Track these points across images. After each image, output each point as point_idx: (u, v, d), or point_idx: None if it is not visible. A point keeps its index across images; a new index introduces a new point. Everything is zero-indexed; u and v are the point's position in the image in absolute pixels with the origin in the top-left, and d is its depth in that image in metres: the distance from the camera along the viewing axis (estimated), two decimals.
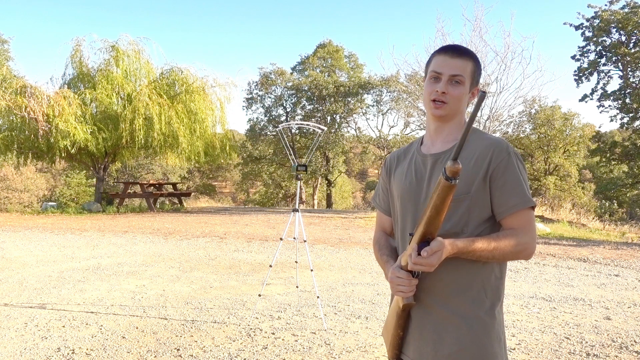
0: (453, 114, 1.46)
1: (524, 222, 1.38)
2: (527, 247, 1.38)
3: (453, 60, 1.43)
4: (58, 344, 3.75)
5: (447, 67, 1.42)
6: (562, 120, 26.88)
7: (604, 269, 7.27)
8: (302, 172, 4.50)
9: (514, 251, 1.36)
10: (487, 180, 1.38)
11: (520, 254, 1.39)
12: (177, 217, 14.68)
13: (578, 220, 17.00)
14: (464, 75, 1.43)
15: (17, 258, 7.51)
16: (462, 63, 1.43)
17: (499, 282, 1.43)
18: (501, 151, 1.39)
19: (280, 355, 3.56)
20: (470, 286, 1.39)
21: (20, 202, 24.05)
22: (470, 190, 1.38)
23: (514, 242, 1.36)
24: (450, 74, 1.42)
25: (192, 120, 17.20)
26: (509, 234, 1.37)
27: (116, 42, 17.60)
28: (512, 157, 1.39)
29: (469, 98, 1.49)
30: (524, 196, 1.38)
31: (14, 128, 15.87)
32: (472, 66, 1.45)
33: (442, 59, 1.44)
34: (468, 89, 1.46)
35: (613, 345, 3.86)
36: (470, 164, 1.40)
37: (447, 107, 1.44)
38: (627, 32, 18.92)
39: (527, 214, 1.38)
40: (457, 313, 1.38)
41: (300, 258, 6.63)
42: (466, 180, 1.38)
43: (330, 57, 27.55)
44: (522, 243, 1.37)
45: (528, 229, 1.38)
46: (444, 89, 1.42)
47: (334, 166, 26.69)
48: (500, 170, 1.38)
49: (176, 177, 33.73)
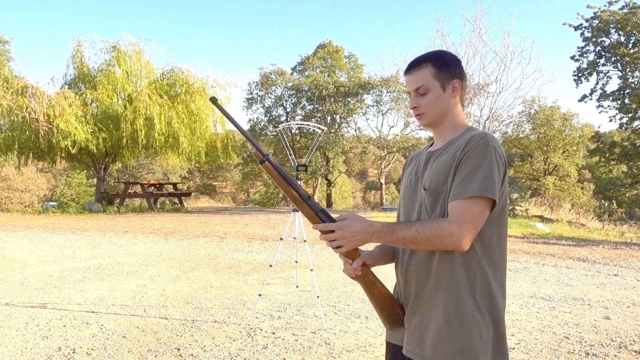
0: (436, 118, 1.51)
1: (457, 210, 1.32)
2: (450, 235, 1.30)
3: (410, 76, 1.52)
4: (59, 344, 3.77)
5: (409, 84, 1.53)
6: (562, 121, 26.91)
7: (603, 268, 7.29)
8: (302, 172, 4.51)
9: (436, 237, 1.32)
10: (455, 171, 1.38)
11: (441, 242, 1.32)
12: (177, 217, 14.70)
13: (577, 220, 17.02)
14: (424, 83, 1.48)
15: (18, 258, 7.53)
16: (418, 74, 1.49)
17: (488, 279, 1.39)
18: (474, 142, 1.37)
19: (281, 355, 3.58)
20: (455, 281, 1.38)
21: (21, 202, 24.07)
22: (446, 183, 1.39)
23: (437, 226, 1.32)
24: (413, 90, 1.51)
25: (193, 121, 17.23)
26: (441, 219, 1.34)
27: (117, 42, 17.65)
28: (483, 148, 1.35)
29: (451, 93, 1.50)
30: (468, 185, 1.32)
31: (15, 128, 15.90)
32: (432, 67, 1.48)
33: (406, 79, 1.55)
34: (439, 89, 1.49)
35: (612, 344, 3.88)
36: (448, 158, 1.42)
37: (425, 116, 1.51)
38: (626, 32, 18.94)
39: (464, 203, 1.32)
40: (440, 306, 1.39)
41: (300, 258, 6.65)
42: (443, 173, 1.41)
43: (330, 58, 27.57)
44: (448, 230, 1.30)
45: (458, 217, 1.31)
46: (415, 103, 1.51)
47: (334, 166, 26.72)
48: (465, 158, 1.36)
49: (176, 177, 33.74)
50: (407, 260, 1.49)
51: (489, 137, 1.38)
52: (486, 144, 1.36)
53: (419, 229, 1.34)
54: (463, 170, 1.36)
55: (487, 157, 1.35)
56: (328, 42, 28.10)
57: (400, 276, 1.53)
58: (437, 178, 1.43)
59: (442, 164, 1.43)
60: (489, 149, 1.35)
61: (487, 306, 1.39)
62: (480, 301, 1.38)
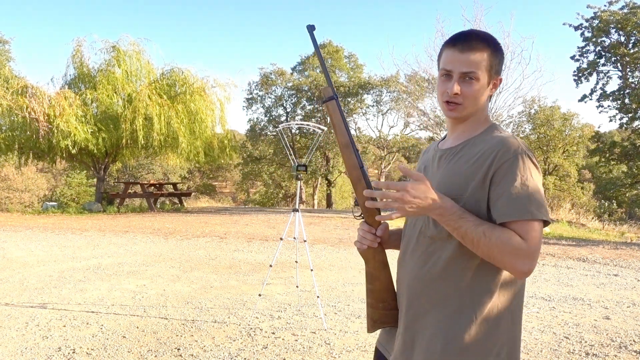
0: (470, 113, 1.31)
1: (528, 234, 1.16)
2: (516, 254, 1.14)
3: (464, 55, 1.25)
4: (59, 344, 3.77)
5: (458, 64, 1.26)
6: (562, 121, 26.92)
7: (603, 268, 7.29)
8: (302, 172, 4.51)
9: (502, 249, 1.14)
10: (487, 183, 1.21)
11: (506, 257, 1.15)
12: (177, 217, 14.70)
13: (577, 220, 17.03)
14: (477, 70, 1.25)
15: (18, 258, 7.52)
16: (475, 56, 1.25)
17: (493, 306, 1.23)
18: (507, 151, 1.20)
19: (281, 355, 3.58)
20: (451, 301, 1.25)
21: (21, 202, 24.07)
22: (465, 192, 1.23)
23: (506, 238, 1.14)
24: (461, 72, 1.26)
25: (192, 121, 17.23)
26: (506, 231, 1.16)
27: (117, 42, 17.64)
28: (519, 159, 1.19)
29: (490, 90, 1.31)
30: (520, 205, 1.16)
31: (15, 128, 15.91)
32: (489, 56, 1.27)
33: (451, 54, 1.27)
34: (486, 83, 1.29)
35: (612, 344, 3.88)
36: (469, 164, 1.25)
37: (461, 108, 1.29)
38: (627, 32, 18.92)
39: (524, 225, 1.16)
40: (433, 326, 1.27)
41: (300, 258, 6.64)
42: (463, 180, 1.24)
43: (330, 58, 27.58)
44: (516, 246, 1.14)
45: (531, 240, 1.15)
46: (456, 89, 1.26)
47: (334, 166, 26.71)
48: (501, 173, 1.19)
49: (176, 177, 33.75)
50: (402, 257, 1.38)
51: (522, 145, 1.22)
52: (523, 155, 1.20)
53: (486, 231, 1.16)
54: (507, 185, 1.18)
55: (527, 169, 1.19)
56: (328, 42, 28.12)
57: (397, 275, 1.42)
58: (450, 184, 1.26)
59: (459, 169, 1.27)
60: (527, 162, 1.20)
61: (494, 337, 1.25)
62: (484, 330, 1.24)
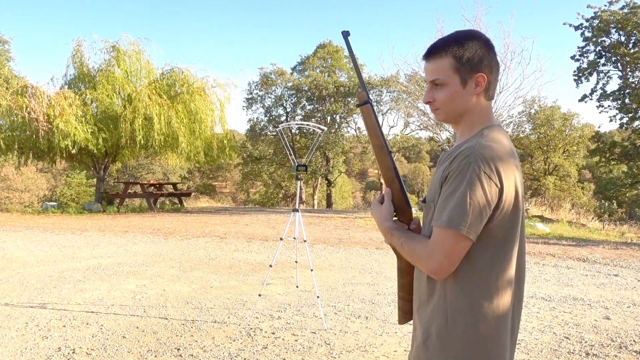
0: (453, 116, 1.36)
1: (433, 238, 1.24)
2: (419, 260, 1.26)
3: (429, 65, 1.35)
4: (59, 344, 3.76)
5: (426, 73, 1.37)
6: (562, 121, 26.92)
7: (603, 268, 7.28)
8: (302, 172, 4.51)
9: (411, 257, 1.30)
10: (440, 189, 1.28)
11: (416, 263, 1.29)
12: (177, 217, 14.69)
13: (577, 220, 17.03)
14: (441, 76, 1.32)
15: (18, 258, 7.52)
16: (437, 64, 1.32)
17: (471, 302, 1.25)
18: (464, 157, 1.22)
19: (280, 355, 3.57)
20: (432, 298, 1.31)
21: (20, 202, 24.08)
22: (434, 200, 1.30)
23: (417, 246, 1.27)
24: (430, 80, 1.35)
25: (192, 121, 17.21)
26: (421, 240, 1.29)
27: (117, 42, 17.62)
28: (465, 169, 1.20)
29: (473, 89, 1.32)
30: (443, 212, 1.22)
31: (15, 128, 15.89)
32: (451, 59, 1.30)
33: (424, 66, 1.38)
34: (458, 84, 1.31)
35: (612, 344, 3.87)
36: (440, 170, 1.31)
37: (440, 112, 1.37)
38: (627, 32, 18.92)
39: (439, 232, 1.22)
40: (420, 322, 1.35)
41: (300, 258, 6.64)
42: (434, 187, 1.32)
43: (330, 57, 27.57)
44: (418, 254, 1.27)
45: (431, 245, 1.24)
46: (429, 97, 1.36)
47: (334, 166, 26.71)
48: (449, 179, 1.24)
49: (176, 177, 33.76)
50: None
51: (476, 153, 1.21)
52: (468, 164, 1.20)
53: (403, 242, 1.31)
54: (444, 192, 1.25)
55: (465, 180, 1.19)
56: (328, 42, 28.10)
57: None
58: (430, 192, 1.35)
59: (436, 177, 1.32)
60: (471, 170, 1.20)
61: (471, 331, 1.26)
62: (460, 326, 1.26)
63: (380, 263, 7.46)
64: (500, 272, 1.26)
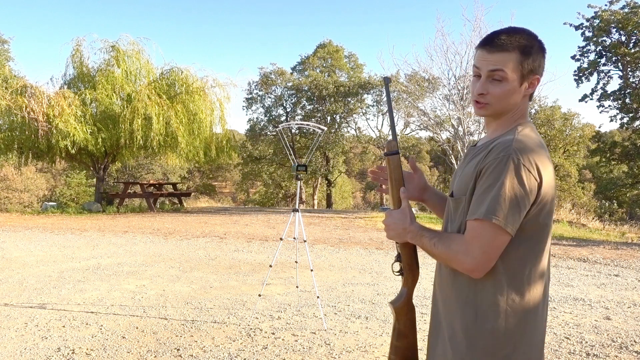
0: (498, 113, 1.32)
1: (469, 233, 1.21)
2: (456, 257, 1.22)
3: (491, 56, 1.28)
4: (58, 344, 3.75)
5: (484, 62, 1.29)
6: (562, 120, 26.91)
7: (603, 269, 7.27)
8: (302, 172, 4.50)
9: (446, 256, 1.25)
10: (474, 183, 1.26)
11: (452, 262, 1.25)
12: (177, 217, 14.68)
13: (578, 220, 17.01)
14: (505, 69, 1.26)
15: (17, 258, 7.51)
16: (502, 56, 1.26)
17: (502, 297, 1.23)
18: (498, 152, 1.21)
19: (280, 355, 3.56)
20: (460, 293, 1.29)
21: (20, 202, 24.07)
22: (467, 193, 1.27)
23: (452, 243, 1.24)
24: (488, 70, 1.28)
25: (192, 121, 17.19)
26: (456, 237, 1.25)
27: (116, 42, 17.60)
28: (501, 162, 1.19)
29: (526, 89, 1.31)
30: (481, 205, 1.19)
31: (15, 128, 15.88)
32: (517, 57, 1.26)
33: (480, 54, 1.30)
34: (517, 82, 1.28)
35: (613, 345, 3.86)
36: (472, 164, 1.29)
37: (489, 107, 1.31)
38: (627, 32, 18.92)
39: (476, 225, 1.20)
40: (445, 317, 1.33)
41: (300, 258, 6.63)
42: (466, 182, 1.29)
43: (330, 57, 27.58)
44: (455, 251, 1.23)
45: (468, 241, 1.21)
46: (482, 89, 1.29)
47: (334, 166, 26.72)
48: (486, 172, 1.21)
49: (176, 177, 33.73)
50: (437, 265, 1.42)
51: (513, 147, 1.21)
52: (507, 156, 1.19)
53: (437, 242, 1.27)
54: (480, 185, 1.22)
55: (504, 173, 1.18)
56: (328, 42, 28.11)
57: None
58: (460, 185, 1.31)
59: (469, 170, 1.30)
60: (508, 164, 1.18)
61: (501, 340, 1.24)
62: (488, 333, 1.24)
63: (380, 263, 7.45)
64: (533, 267, 1.25)
